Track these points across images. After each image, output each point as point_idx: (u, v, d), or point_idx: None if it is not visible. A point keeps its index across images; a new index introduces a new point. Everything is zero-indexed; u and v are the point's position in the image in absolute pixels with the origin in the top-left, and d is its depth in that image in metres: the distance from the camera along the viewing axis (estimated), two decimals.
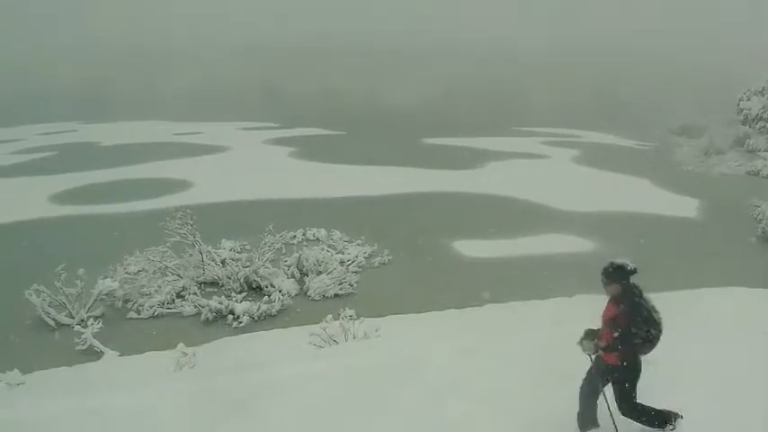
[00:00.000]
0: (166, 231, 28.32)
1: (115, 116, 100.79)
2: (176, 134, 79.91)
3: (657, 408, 8.67)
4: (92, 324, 22.43)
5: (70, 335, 22.77)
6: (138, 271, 27.48)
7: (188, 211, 29.21)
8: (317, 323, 19.02)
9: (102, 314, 24.63)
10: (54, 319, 24.30)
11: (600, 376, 8.72)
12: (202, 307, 24.45)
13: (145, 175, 53.55)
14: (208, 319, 24.05)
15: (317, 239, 32.98)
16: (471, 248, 31.64)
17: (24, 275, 26.95)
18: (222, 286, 26.90)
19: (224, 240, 31.39)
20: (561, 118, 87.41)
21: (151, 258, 27.56)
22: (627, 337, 8.15)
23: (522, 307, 22.94)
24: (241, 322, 23.69)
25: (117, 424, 11.53)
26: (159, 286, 26.09)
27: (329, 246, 31.45)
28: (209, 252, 28.14)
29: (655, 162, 58.97)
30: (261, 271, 27.08)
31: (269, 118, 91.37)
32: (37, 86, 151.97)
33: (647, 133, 74.36)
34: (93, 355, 21.32)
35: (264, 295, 25.92)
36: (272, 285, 26.57)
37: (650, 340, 8.30)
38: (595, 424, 9.01)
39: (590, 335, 8.55)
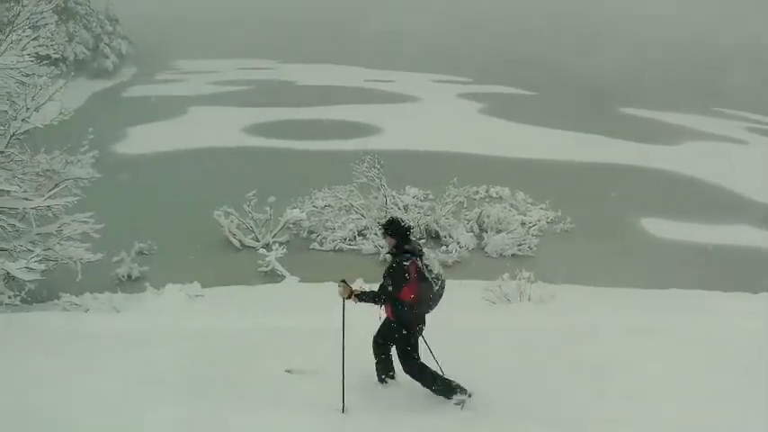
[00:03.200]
0: (354, 172, 28.89)
1: (312, 58, 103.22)
2: (368, 80, 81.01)
3: (447, 378, 8.55)
4: (276, 249, 23.30)
5: (254, 257, 23.77)
6: (325, 206, 28.31)
7: (377, 155, 29.64)
8: (491, 279, 18.81)
9: (287, 241, 25.66)
10: (240, 241, 25.55)
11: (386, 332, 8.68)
12: (381, 247, 24.86)
13: (337, 116, 54.76)
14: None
15: (500, 198, 32.71)
16: (658, 228, 30.39)
17: (215, 198, 28.23)
18: None
19: (408, 187, 31.69)
20: (763, 104, 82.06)
21: (338, 196, 28.35)
22: (390, 290, 8.16)
23: (705, 296, 21.82)
24: None
25: (290, 344, 11.63)
26: (343, 223, 26.85)
27: (512, 205, 31.07)
28: (394, 196, 28.54)
29: None
30: (441, 221, 27.23)
31: (462, 72, 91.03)
32: (238, 22, 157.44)
33: None
34: (274, 277, 22.17)
35: (442, 245, 26.05)
36: (451, 236, 26.65)
37: (423, 301, 8.23)
38: (390, 375, 8.89)
39: (344, 282, 8.44)
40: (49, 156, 19.21)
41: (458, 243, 25.93)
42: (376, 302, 8.30)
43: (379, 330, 8.74)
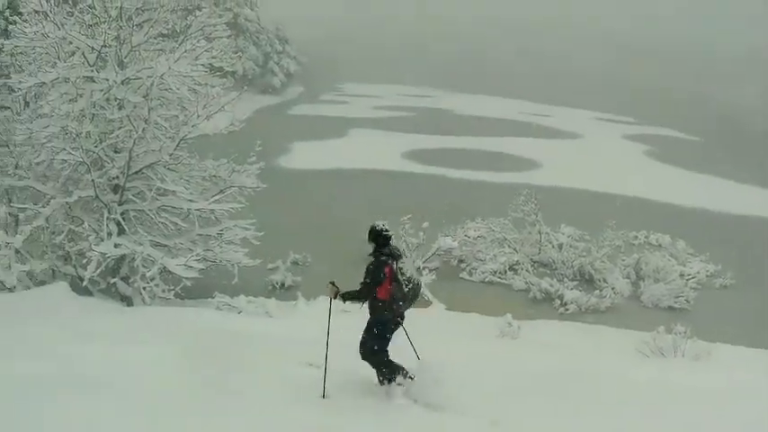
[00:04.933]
0: (510, 205, 28.60)
1: (470, 88, 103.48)
2: (526, 113, 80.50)
3: (396, 364, 9.31)
4: (426, 274, 23.28)
5: None
6: (478, 236, 28.06)
7: (534, 189, 29.30)
8: (644, 330, 18.16)
9: (437, 268, 25.60)
10: None
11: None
12: (533, 285, 24.48)
13: (494, 148, 54.68)
14: (536, 297, 24.05)
15: (659, 245, 31.47)
16: None
17: (371, 218, 28.35)
18: (555, 270, 26.72)
19: (564, 225, 31.01)
20: None
21: (492, 228, 28.06)
22: (368, 286, 9.05)
23: None
24: (568, 309, 23.32)
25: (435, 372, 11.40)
26: (495, 255, 26.53)
27: (671, 255, 29.88)
28: (548, 234, 28.06)
29: None
30: (597, 264, 26.47)
31: (624, 112, 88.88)
32: (401, 50, 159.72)
33: None
34: (421, 302, 21.99)
35: (596, 289, 25.26)
36: (605, 281, 25.84)
37: (394, 301, 9.09)
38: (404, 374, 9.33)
39: (333, 284, 9.39)
40: (216, 162, 19.88)
41: (612, 289, 25.12)
42: (358, 300, 9.16)
43: (364, 338, 9.34)
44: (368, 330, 9.28)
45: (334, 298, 9.33)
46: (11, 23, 19.35)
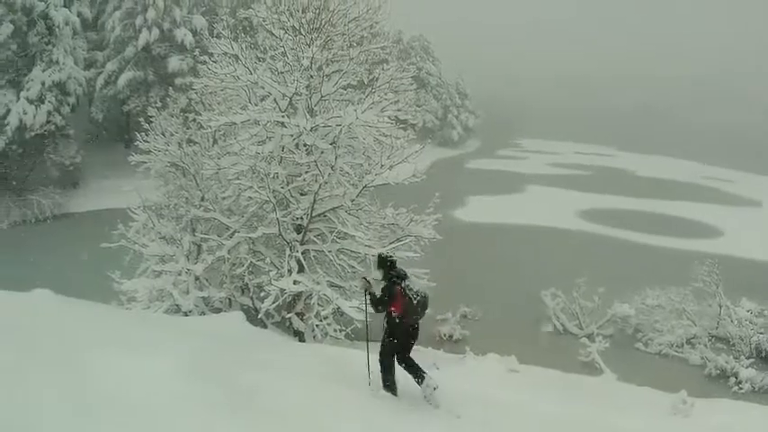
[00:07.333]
0: (691, 275, 27.51)
1: (648, 148, 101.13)
2: (706, 177, 77.74)
3: (395, 382, 10.67)
4: (600, 341, 22.69)
5: (573, 344, 23.48)
6: (655, 306, 27.04)
7: (715, 260, 28.06)
8: None
9: (611, 335, 24.86)
10: (563, 325, 25.40)
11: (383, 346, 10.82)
12: (709, 360, 23.34)
13: (675, 212, 52.98)
14: (711, 374, 22.89)
15: None
16: None
17: (543, 277, 28.28)
18: (732, 345, 25.36)
19: (744, 299, 29.51)
20: None
21: (672, 298, 26.90)
22: (383, 303, 10.40)
23: None
24: (742, 388, 22.05)
25: None
26: (672, 327, 25.42)
27: None
28: (728, 307, 26.73)
29: None
30: None
31: None
32: (578, 107, 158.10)
33: None
34: (590, 369, 21.65)
35: None
36: None
37: (407, 314, 10.32)
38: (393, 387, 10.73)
39: (365, 279, 10.89)
40: (396, 211, 20.32)
41: None
42: (375, 305, 10.48)
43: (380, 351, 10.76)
44: (384, 338, 10.66)
45: (363, 291, 10.87)
46: (200, 63, 20.46)
